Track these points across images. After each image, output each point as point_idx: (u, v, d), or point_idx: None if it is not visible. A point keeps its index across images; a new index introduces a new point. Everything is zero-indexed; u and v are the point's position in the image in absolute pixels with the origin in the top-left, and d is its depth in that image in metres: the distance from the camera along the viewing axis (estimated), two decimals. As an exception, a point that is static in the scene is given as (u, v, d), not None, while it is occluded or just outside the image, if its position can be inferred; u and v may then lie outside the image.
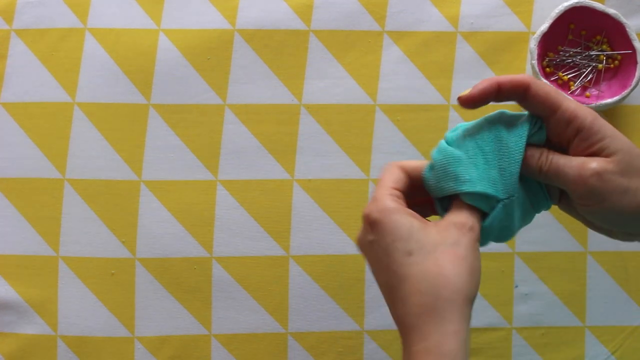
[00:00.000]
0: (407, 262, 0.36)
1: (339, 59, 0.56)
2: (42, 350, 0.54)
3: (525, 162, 0.38)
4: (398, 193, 0.38)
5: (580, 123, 0.35)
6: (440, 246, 0.36)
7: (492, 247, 0.55)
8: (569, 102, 0.36)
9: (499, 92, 0.38)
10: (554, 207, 0.55)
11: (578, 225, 0.55)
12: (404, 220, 0.36)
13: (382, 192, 0.37)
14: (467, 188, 0.36)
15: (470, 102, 0.38)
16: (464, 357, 0.34)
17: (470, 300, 0.36)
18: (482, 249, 0.57)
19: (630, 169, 0.35)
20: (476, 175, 0.37)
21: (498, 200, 0.37)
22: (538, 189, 0.39)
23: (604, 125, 0.35)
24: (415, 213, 0.37)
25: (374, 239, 0.37)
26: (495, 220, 0.37)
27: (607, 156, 0.35)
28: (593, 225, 0.39)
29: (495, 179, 0.37)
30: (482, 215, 0.38)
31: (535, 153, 0.37)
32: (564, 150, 0.37)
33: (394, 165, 0.39)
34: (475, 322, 0.55)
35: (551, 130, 0.37)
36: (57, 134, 0.55)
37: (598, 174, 0.35)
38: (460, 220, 0.37)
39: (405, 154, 0.56)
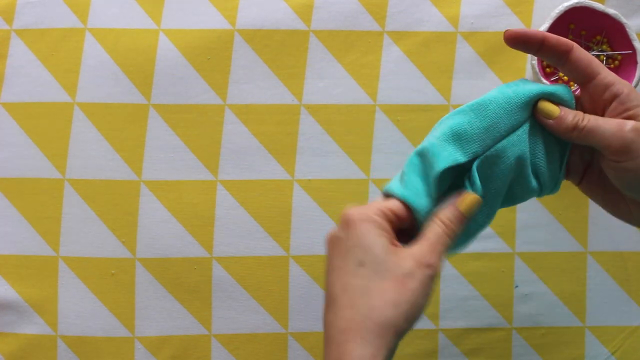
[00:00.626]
0: (354, 272, 0.35)
1: (339, 59, 0.56)
2: (42, 350, 0.54)
3: (558, 121, 0.38)
4: (390, 215, 0.37)
5: (619, 89, 0.37)
6: (393, 271, 0.35)
7: (492, 247, 0.55)
8: (608, 71, 0.38)
9: (542, 44, 0.39)
10: (554, 206, 0.56)
11: (578, 225, 0.56)
12: (374, 232, 0.35)
13: (374, 204, 0.37)
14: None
15: (511, 38, 0.39)
16: None
17: (399, 334, 0.34)
18: (482, 250, 0.57)
19: None
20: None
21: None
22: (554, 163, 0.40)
23: (639, 96, 0.37)
24: (392, 237, 0.36)
25: (341, 237, 0.36)
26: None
27: None
28: (612, 203, 0.40)
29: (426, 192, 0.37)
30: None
31: (569, 113, 0.38)
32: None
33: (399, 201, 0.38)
34: (475, 322, 0.55)
35: (587, 96, 0.39)
36: (57, 134, 0.55)
37: (637, 129, 0.36)
38: (420, 255, 0.35)
39: (405, 154, 0.55)
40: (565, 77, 0.55)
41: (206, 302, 0.55)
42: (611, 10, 0.53)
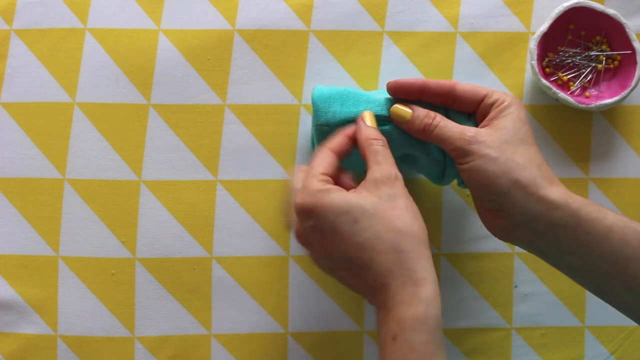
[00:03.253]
0: (357, 230, 0.37)
1: (339, 59, 0.56)
2: (42, 350, 0.54)
3: (410, 124, 0.44)
4: (326, 177, 0.40)
5: (501, 100, 0.43)
6: (380, 205, 0.38)
7: (492, 247, 0.56)
8: (492, 89, 0.44)
9: (424, 90, 0.44)
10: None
11: (578, 225, 0.56)
12: (338, 195, 0.38)
13: (309, 180, 0.40)
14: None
15: (394, 89, 0.45)
16: (438, 298, 0.37)
17: (426, 242, 0.38)
18: (481, 250, 0.57)
19: (505, 144, 0.41)
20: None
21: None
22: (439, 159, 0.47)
23: (515, 111, 0.43)
24: (343, 188, 0.40)
25: (314, 224, 0.39)
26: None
27: (497, 128, 0.42)
28: (481, 214, 0.45)
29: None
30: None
31: (419, 117, 0.44)
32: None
33: (324, 149, 0.42)
34: (475, 322, 0.55)
35: (480, 115, 0.45)
36: (57, 134, 0.55)
37: (476, 134, 0.42)
38: (382, 173, 0.39)
39: (405, 154, 0.56)
40: (565, 78, 0.55)
41: (206, 302, 0.55)
42: (611, 11, 0.53)
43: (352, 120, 0.45)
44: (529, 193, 0.40)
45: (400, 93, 0.45)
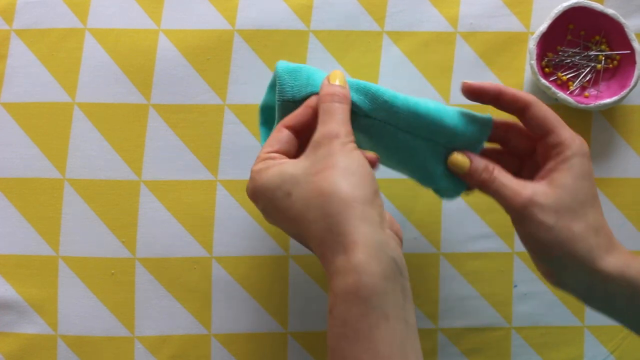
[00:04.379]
0: (290, 204, 0.35)
1: (339, 59, 0.56)
2: (42, 350, 0.54)
3: (468, 176, 0.41)
4: (272, 155, 0.38)
5: (563, 147, 0.39)
6: (312, 168, 0.35)
7: (492, 246, 0.56)
8: (562, 129, 0.39)
9: (498, 98, 0.41)
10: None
11: (577, 225, 0.56)
12: (274, 170, 0.36)
13: (254, 163, 0.38)
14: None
15: (466, 91, 0.41)
16: (376, 262, 0.32)
17: (362, 200, 0.33)
18: (481, 250, 0.57)
19: (562, 208, 0.37)
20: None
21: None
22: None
23: (577, 163, 0.38)
24: (286, 158, 0.38)
25: (261, 207, 0.38)
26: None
27: (555, 185, 0.38)
28: (534, 259, 0.42)
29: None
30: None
31: (478, 168, 0.40)
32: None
33: (277, 127, 0.40)
34: (474, 322, 0.55)
35: (540, 148, 0.41)
36: (57, 134, 0.55)
37: (530, 199, 0.38)
38: (322, 133, 0.36)
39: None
40: (564, 78, 0.55)
41: (206, 301, 0.55)
42: (610, 11, 0.53)
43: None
44: (584, 265, 0.38)
45: (473, 96, 0.42)
